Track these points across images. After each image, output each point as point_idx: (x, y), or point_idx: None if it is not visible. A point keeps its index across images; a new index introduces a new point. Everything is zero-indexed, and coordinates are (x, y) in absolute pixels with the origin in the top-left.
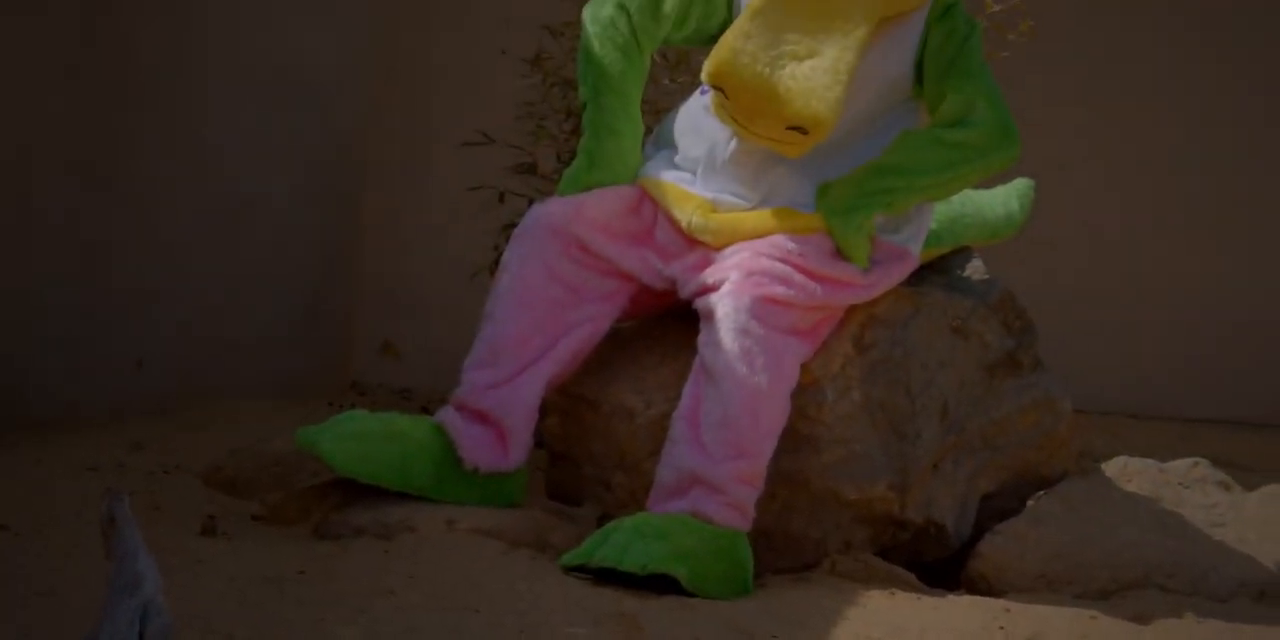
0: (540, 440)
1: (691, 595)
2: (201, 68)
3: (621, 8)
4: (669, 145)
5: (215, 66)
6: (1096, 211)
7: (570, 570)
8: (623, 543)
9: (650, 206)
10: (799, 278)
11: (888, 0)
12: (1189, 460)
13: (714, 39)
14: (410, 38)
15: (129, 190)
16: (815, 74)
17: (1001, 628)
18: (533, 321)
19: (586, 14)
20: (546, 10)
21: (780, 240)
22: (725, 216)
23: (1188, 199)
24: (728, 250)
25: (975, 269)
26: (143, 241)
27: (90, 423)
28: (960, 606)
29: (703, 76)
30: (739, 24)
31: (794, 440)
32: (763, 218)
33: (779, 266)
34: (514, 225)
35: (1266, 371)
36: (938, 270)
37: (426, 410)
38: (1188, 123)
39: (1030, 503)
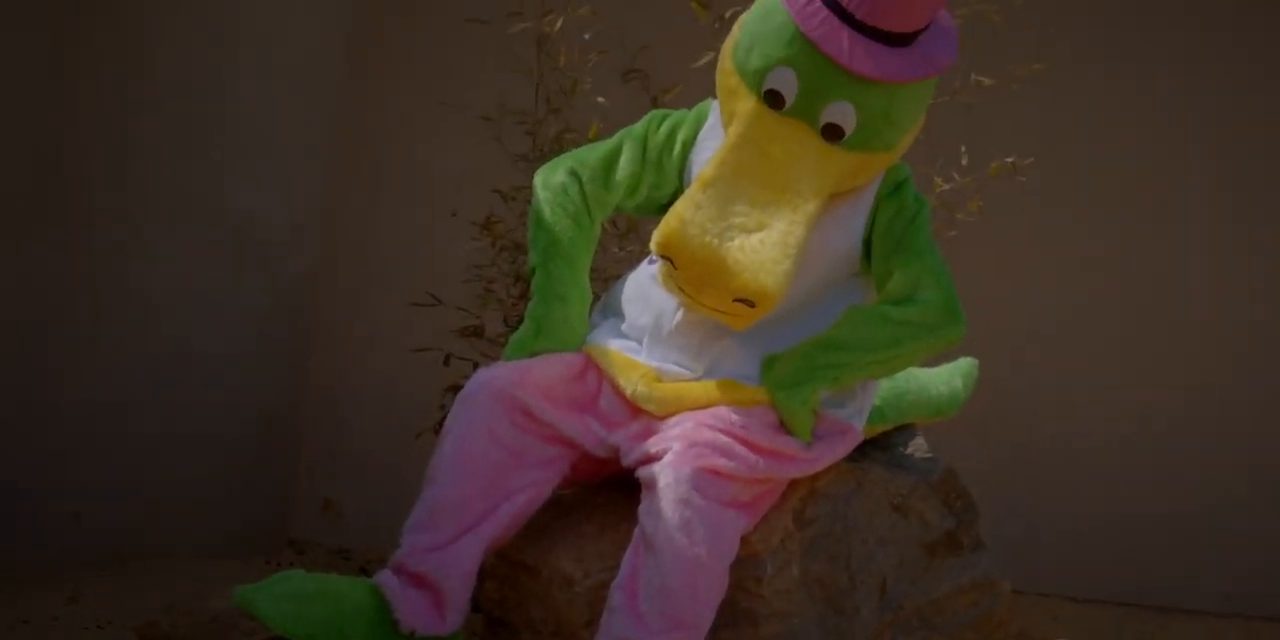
0: (478, 605)
1: None
2: (151, 223)
3: (574, 175)
4: (616, 313)
5: (162, 221)
6: (1038, 393)
7: None
8: None
9: (595, 374)
10: (741, 450)
11: (838, 176)
12: None
13: (664, 208)
14: (360, 197)
15: (71, 342)
16: (764, 247)
17: None
18: (474, 485)
19: (538, 180)
20: (498, 174)
21: (724, 412)
22: (669, 386)
23: (1129, 383)
24: (671, 420)
25: (918, 446)
26: (83, 394)
27: (26, 575)
28: None
29: (651, 246)
30: (689, 194)
31: (732, 613)
32: (707, 389)
33: (722, 438)
34: (459, 387)
35: (1205, 558)
36: (880, 446)
37: (365, 571)
38: (1136, 301)
39: None
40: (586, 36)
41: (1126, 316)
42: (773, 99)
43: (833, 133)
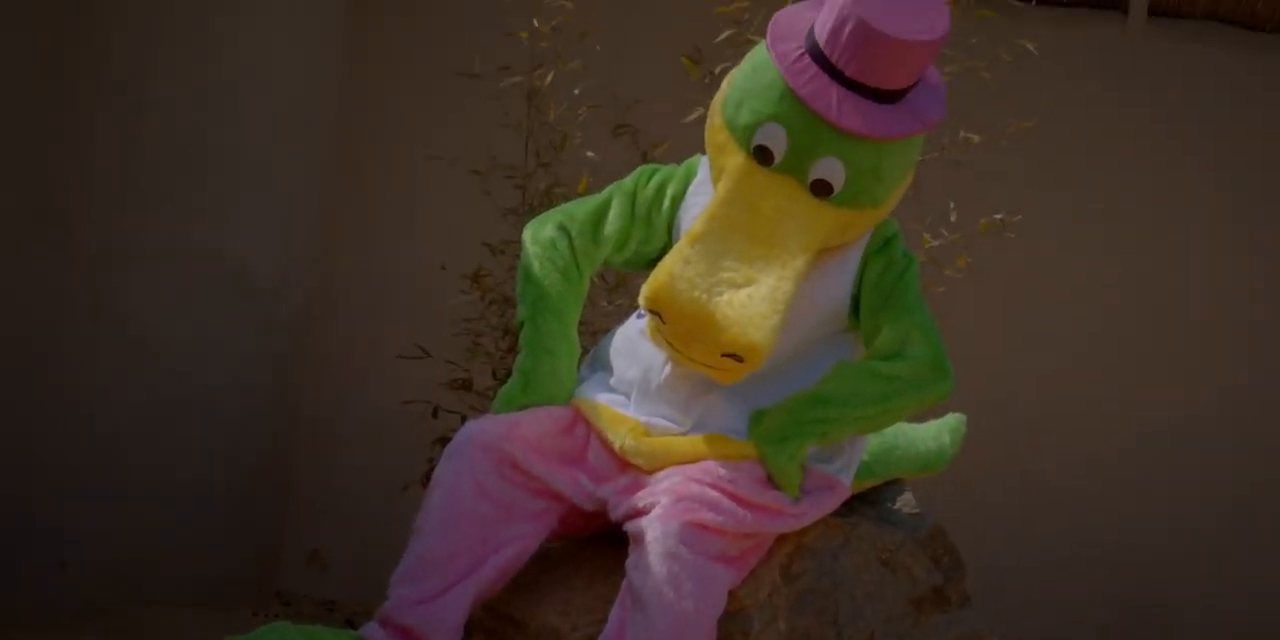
0: None
1: None
2: (142, 270)
3: (562, 229)
4: (604, 367)
5: (154, 269)
6: (1026, 448)
7: None
8: None
9: (583, 427)
10: (729, 504)
11: (827, 232)
12: None
13: (653, 263)
14: (352, 248)
15: (59, 390)
16: (752, 302)
17: None
18: (461, 538)
19: (527, 234)
20: (487, 227)
21: (712, 466)
22: (658, 440)
23: (1118, 439)
24: (659, 474)
25: (906, 502)
26: (71, 440)
27: (10, 624)
28: None
29: (640, 300)
30: (678, 249)
31: None
32: (695, 443)
33: (710, 493)
34: (447, 439)
35: (1192, 612)
36: (868, 501)
37: (351, 623)
38: (1125, 358)
39: None
40: (576, 91)
41: (1118, 372)
42: (762, 155)
43: (821, 189)
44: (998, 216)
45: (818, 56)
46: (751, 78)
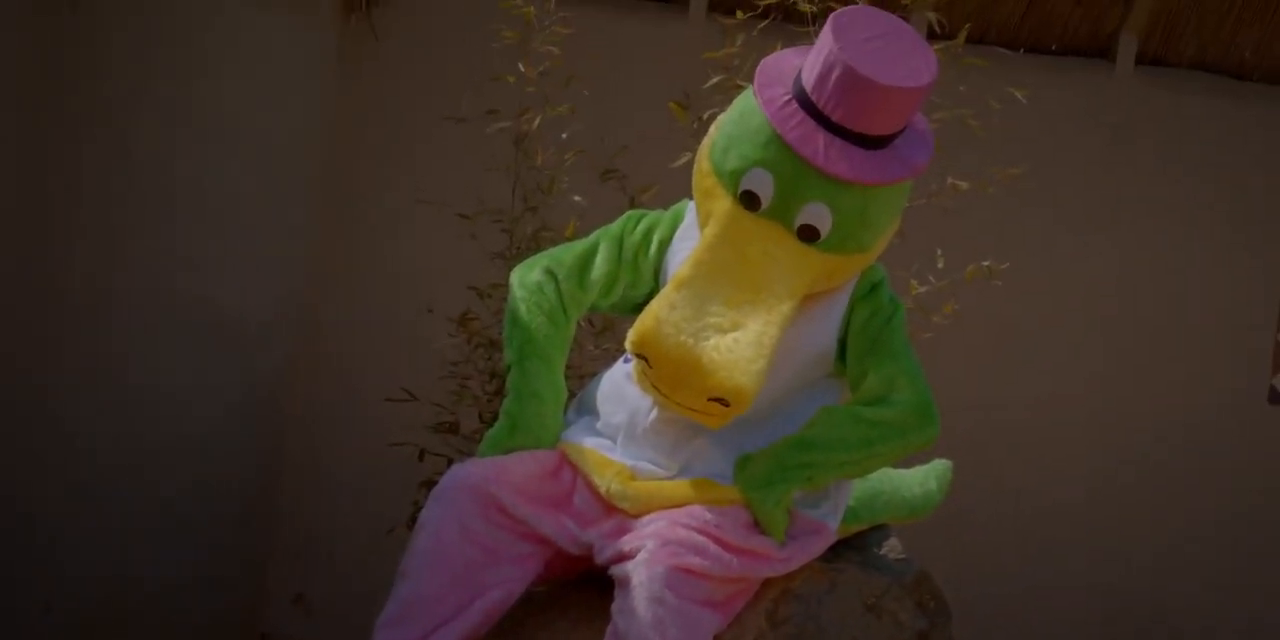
0: None
1: None
2: (129, 313)
3: (549, 273)
4: (591, 411)
5: (141, 312)
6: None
7: None
8: None
9: (570, 471)
10: (715, 549)
11: (814, 277)
12: None
13: (640, 307)
14: (337, 292)
15: (46, 433)
16: (739, 347)
17: None
18: (446, 582)
19: (514, 278)
20: (474, 271)
21: (698, 511)
22: (644, 484)
23: (1106, 483)
24: (645, 519)
25: (892, 547)
26: (56, 484)
27: None
28: None
29: (626, 345)
30: (665, 294)
31: None
32: (681, 487)
33: (696, 537)
34: (433, 482)
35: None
36: (854, 546)
37: None
38: (1105, 400)
39: None
40: (564, 136)
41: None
42: (749, 200)
43: (808, 234)
44: (985, 263)
45: (805, 102)
46: (739, 123)
